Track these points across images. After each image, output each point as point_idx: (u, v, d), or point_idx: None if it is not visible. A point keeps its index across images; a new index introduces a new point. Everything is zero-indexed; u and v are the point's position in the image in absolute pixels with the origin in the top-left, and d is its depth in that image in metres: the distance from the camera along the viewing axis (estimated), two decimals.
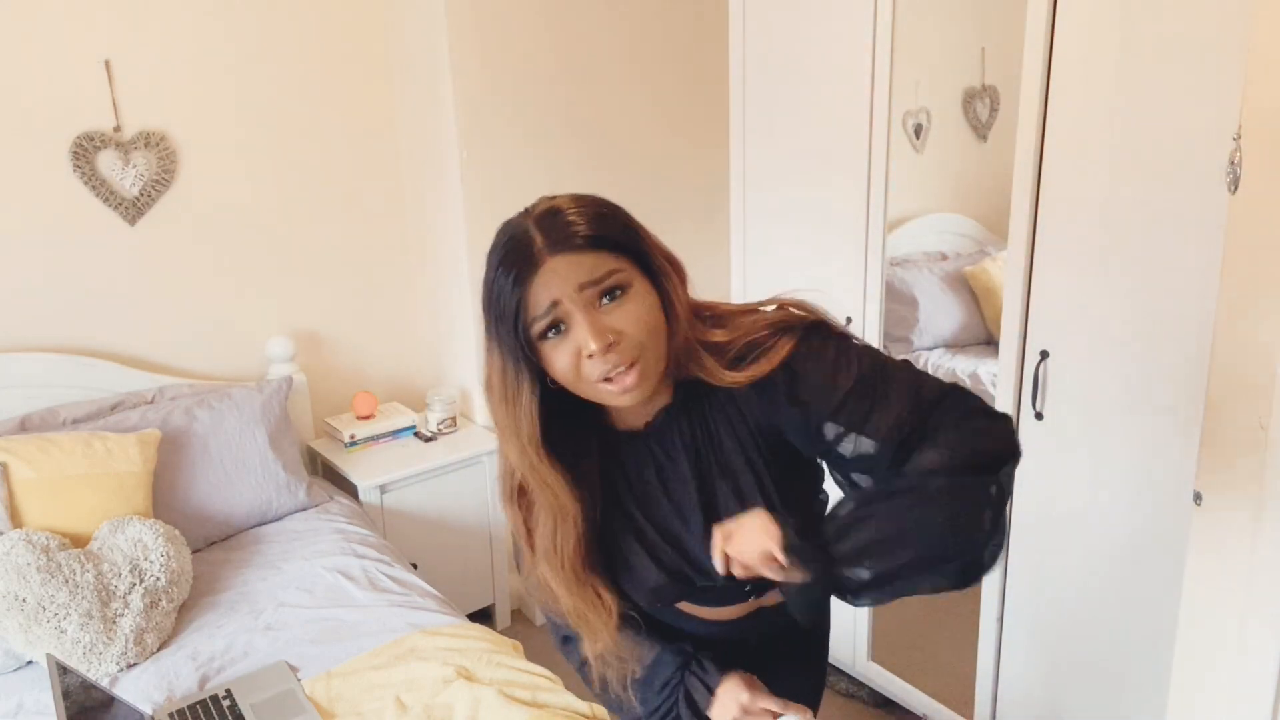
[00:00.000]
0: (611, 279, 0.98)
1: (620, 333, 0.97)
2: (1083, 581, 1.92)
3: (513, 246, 1.00)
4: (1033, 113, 1.78)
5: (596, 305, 0.97)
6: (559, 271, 0.96)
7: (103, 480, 2.18)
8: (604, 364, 0.97)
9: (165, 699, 1.86)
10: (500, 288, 0.98)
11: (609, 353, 0.96)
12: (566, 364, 0.98)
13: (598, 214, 1.01)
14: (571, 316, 0.96)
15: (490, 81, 2.74)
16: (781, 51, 2.29)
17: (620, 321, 0.97)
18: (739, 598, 1.19)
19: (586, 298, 0.96)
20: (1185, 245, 1.62)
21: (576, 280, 0.96)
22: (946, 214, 2.98)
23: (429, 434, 2.88)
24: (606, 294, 0.97)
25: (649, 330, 0.99)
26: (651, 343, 0.99)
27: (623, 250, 1.00)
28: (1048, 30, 1.73)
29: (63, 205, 2.43)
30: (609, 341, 0.96)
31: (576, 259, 0.96)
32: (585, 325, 0.96)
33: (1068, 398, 1.86)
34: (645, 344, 0.99)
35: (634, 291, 0.99)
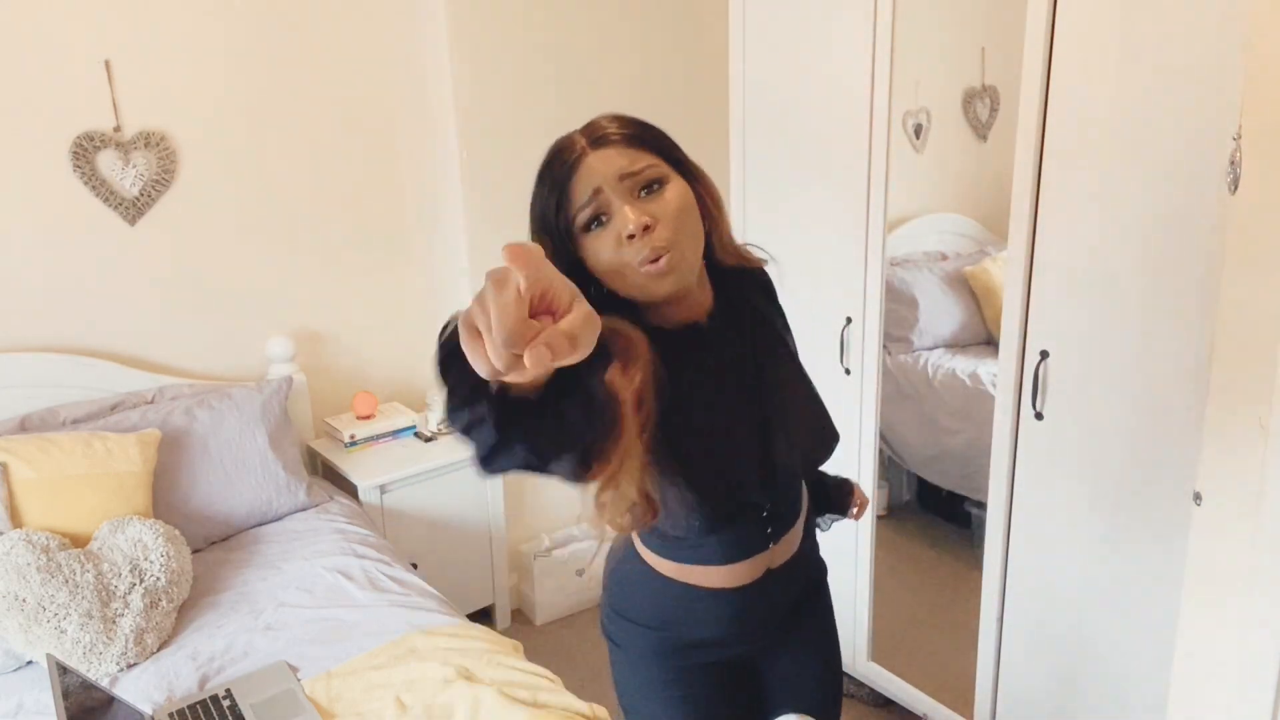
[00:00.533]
0: (649, 171, 1.07)
1: (658, 217, 1.05)
2: (1083, 581, 1.92)
3: (558, 149, 1.09)
4: (1033, 113, 1.78)
5: (636, 195, 1.06)
6: (600, 164, 1.06)
7: (103, 480, 2.18)
8: (644, 247, 1.04)
9: (165, 699, 1.86)
10: (546, 186, 1.08)
11: (647, 234, 1.04)
12: (609, 253, 1.05)
13: (636, 121, 1.12)
14: (612, 204, 1.05)
15: (490, 82, 2.74)
16: (782, 51, 2.29)
17: (658, 209, 1.06)
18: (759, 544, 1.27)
19: (626, 187, 1.05)
20: (1185, 245, 1.62)
21: (617, 171, 1.05)
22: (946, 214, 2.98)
23: (429, 434, 2.88)
24: (645, 186, 1.07)
25: (685, 217, 1.08)
26: (687, 230, 1.08)
27: (659, 152, 1.10)
28: (1048, 30, 1.73)
29: (63, 205, 2.43)
30: (647, 223, 1.04)
31: (616, 153, 1.06)
32: (626, 208, 1.04)
33: (1068, 398, 1.86)
34: (682, 230, 1.07)
35: (670, 186, 1.08)
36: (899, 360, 2.87)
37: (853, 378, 2.30)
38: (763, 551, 1.27)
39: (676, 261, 1.06)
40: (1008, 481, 2.01)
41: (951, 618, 2.37)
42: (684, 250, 1.07)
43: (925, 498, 3.05)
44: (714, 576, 1.26)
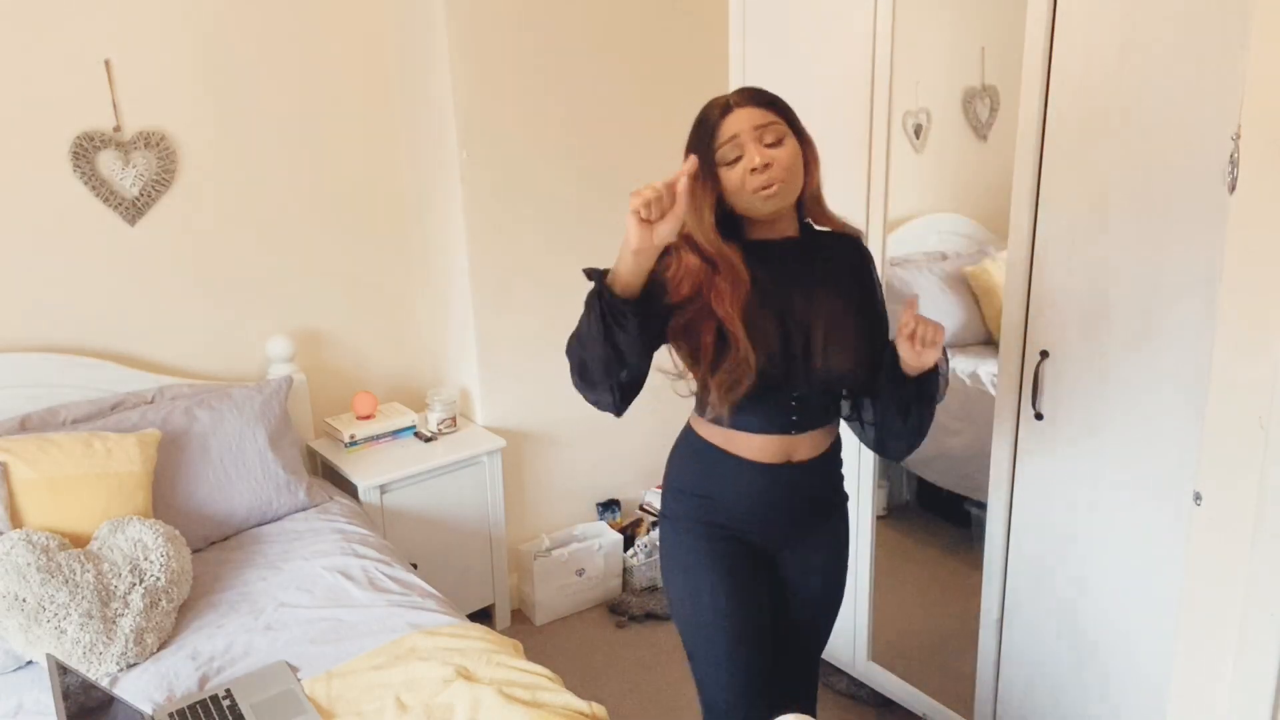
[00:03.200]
0: (774, 129, 1.50)
1: (775, 159, 1.49)
2: (1082, 581, 1.92)
3: (713, 103, 1.54)
4: (1033, 113, 1.78)
5: (762, 142, 1.49)
6: (742, 115, 1.50)
7: (103, 480, 2.18)
8: (760, 179, 1.48)
9: (165, 699, 1.85)
10: (703, 126, 1.52)
11: (764, 171, 1.48)
12: (737, 178, 1.50)
13: (771, 93, 1.56)
14: (745, 146, 1.49)
15: (490, 82, 2.74)
16: (781, 51, 2.29)
17: (776, 155, 1.49)
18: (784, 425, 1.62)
19: (757, 134, 1.49)
20: (1185, 245, 1.62)
21: (753, 123, 1.49)
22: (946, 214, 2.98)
23: (429, 434, 2.88)
24: (771, 140, 1.50)
25: (793, 166, 1.52)
26: (793, 175, 1.52)
27: (784, 117, 1.53)
28: (1048, 30, 1.73)
29: (63, 205, 2.43)
30: (767, 161, 1.48)
31: (756, 111, 1.51)
32: (755, 148, 1.49)
33: (1068, 398, 1.86)
34: (790, 172, 1.51)
35: (787, 142, 1.51)
36: None
37: None
38: (787, 434, 1.62)
39: (780, 191, 1.50)
40: (1008, 481, 2.01)
41: (951, 618, 2.37)
42: (787, 185, 1.51)
43: (925, 498, 3.04)
44: (748, 445, 1.62)
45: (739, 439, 1.63)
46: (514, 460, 3.02)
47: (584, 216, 2.99)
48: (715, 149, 1.49)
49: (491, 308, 2.90)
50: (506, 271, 2.89)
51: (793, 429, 1.63)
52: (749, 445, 1.63)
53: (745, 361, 1.50)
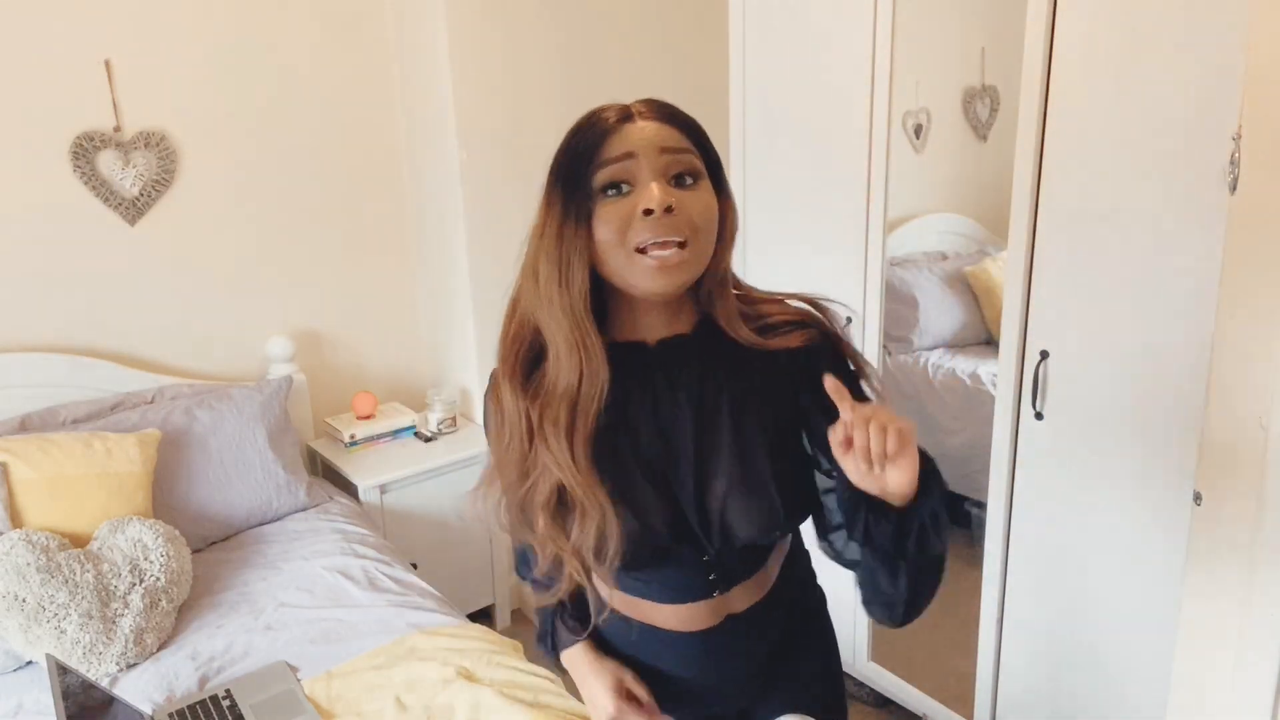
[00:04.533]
0: (690, 162, 1.01)
1: (681, 204, 0.98)
2: (1082, 581, 1.92)
3: (600, 109, 1.04)
4: (1033, 113, 1.78)
5: (667, 177, 0.99)
6: (642, 132, 1.00)
7: (103, 480, 2.18)
8: (656, 228, 0.96)
9: (165, 699, 1.85)
10: (577, 139, 1.02)
11: (666, 217, 0.96)
12: (617, 224, 0.98)
13: (686, 114, 1.07)
14: (640, 174, 0.98)
15: (490, 83, 2.74)
16: (782, 51, 2.29)
17: (686, 201, 0.99)
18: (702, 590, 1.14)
19: (661, 164, 0.99)
20: (1185, 245, 1.62)
21: (660, 144, 0.99)
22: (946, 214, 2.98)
23: (429, 434, 2.88)
24: (678, 175, 1.00)
25: (706, 223, 1.01)
26: (703, 237, 1.00)
27: (702, 151, 1.04)
28: (1048, 30, 1.73)
29: (63, 205, 2.43)
30: (671, 205, 0.96)
31: (662, 127, 1.01)
32: (654, 183, 0.97)
33: (1068, 398, 1.86)
34: (699, 233, 0.99)
35: (703, 186, 1.02)
36: (899, 360, 2.87)
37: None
38: (709, 599, 1.14)
39: (687, 259, 0.98)
40: (1008, 481, 2.01)
41: (951, 618, 2.37)
42: (697, 252, 1.00)
43: None
44: (665, 616, 1.16)
45: (647, 608, 1.17)
46: None
47: None
48: (594, 171, 0.99)
49: (491, 307, 2.89)
50: (506, 271, 2.88)
51: (716, 590, 1.15)
52: (662, 616, 1.16)
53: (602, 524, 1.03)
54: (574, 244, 1.00)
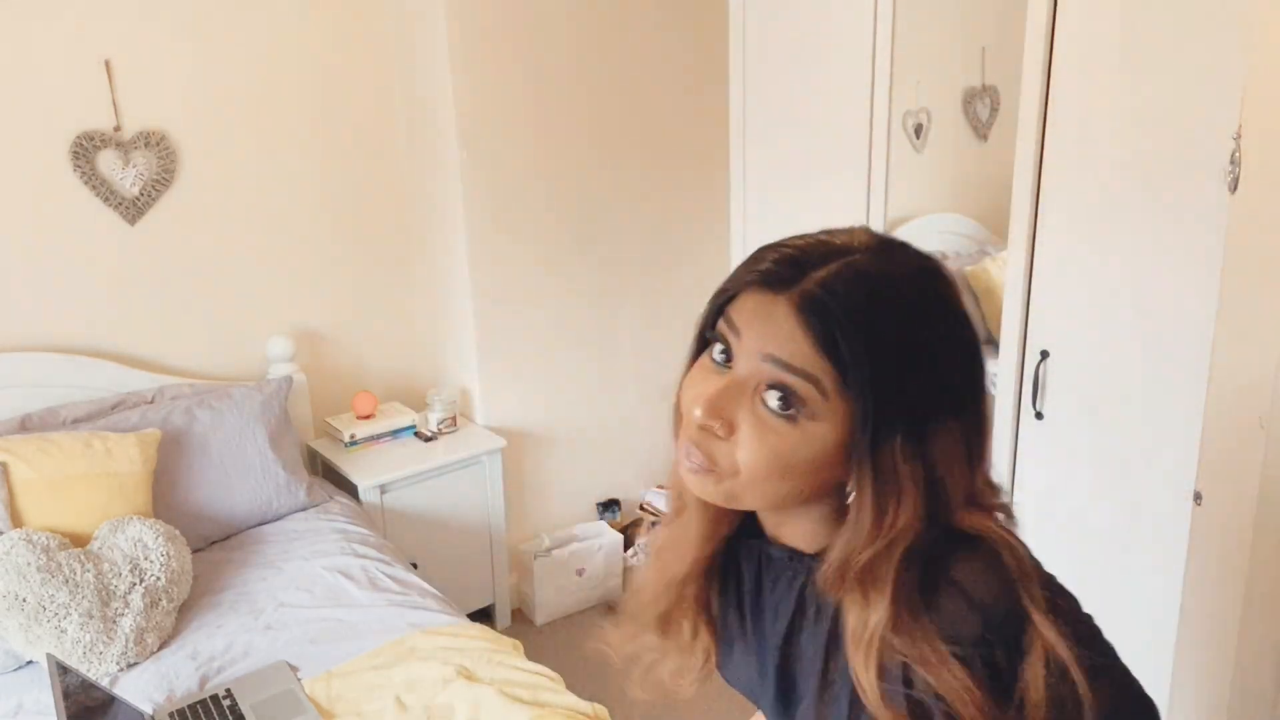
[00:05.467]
0: (796, 384, 0.71)
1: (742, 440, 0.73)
2: (1082, 581, 1.92)
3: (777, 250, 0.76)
4: (1033, 113, 1.78)
5: (755, 392, 0.73)
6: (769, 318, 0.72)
7: (103, 480, 2.18)
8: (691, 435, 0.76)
9: (165, 699, 1.86)
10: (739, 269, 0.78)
11: (700, 433, 0.75)
12: (688, 394, 0.78)
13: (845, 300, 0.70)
14: (736, 365, 0.75)
15: (490, 81, 2.74)
16: (781, 51, 2.29)
17: (756, 432, 0.72)
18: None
19: (760, 373, 0.72)
20: (1185, 245, 1.62)
21: (766, 347, 0.72)
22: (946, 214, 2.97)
23: (429, 434, 2.88)
24: (780, 392, 0.72)
25: (770, 473, 0.73)
26: (759, 484, 0.74)
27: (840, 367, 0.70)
28: (1048, 30, 1.73)
29: (63, 205, 2.43)
30: (711, 425, 0.74)
31: (794, 330, 0.71)
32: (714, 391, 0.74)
33: (1068, 398, 1.86)
34: (749, 479, 0.74)
35: (808, 425, 0.72)
36: None
37: None
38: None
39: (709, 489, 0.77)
40: (1008, 481, 2.01)
41: None
42: (741, 489, 0.75)
43: None
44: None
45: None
46: (514, 460, 3.02)
47: (584, 215, 2.99)
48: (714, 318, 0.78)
49: (491, 307, 2.90)
50: (506, 271, 2.89)
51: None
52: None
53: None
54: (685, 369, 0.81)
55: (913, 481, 0.71)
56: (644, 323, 3.20)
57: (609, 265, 3.07)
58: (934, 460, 0.72)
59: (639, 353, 3.21)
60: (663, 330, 3.23)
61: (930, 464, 0.72)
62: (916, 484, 0.71)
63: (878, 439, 0.70)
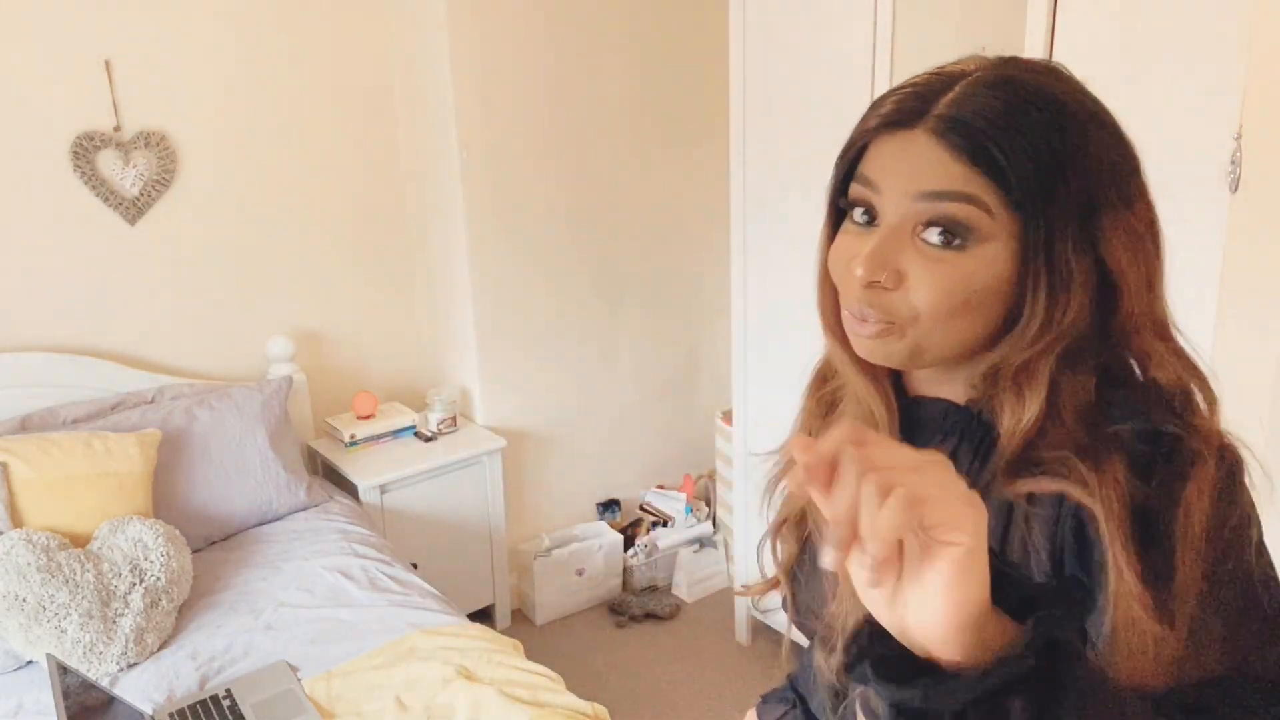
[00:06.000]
0: (959, 214, 0.67)
1: (903, 283, 0.69)
2: None
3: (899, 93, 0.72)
4: None
5: (914, 231, 0.69)
6: (908, 157, 0.68)
7: (103, 480, 2.18)
8: (858, 296, 0.71)
9: (165, 699, 1.86)
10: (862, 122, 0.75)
11: (869, 291, 0.70)
12: (840, 261, 0.74)
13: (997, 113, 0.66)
14: (884, 218, 0.71)
15: (490, 82, 2.74)
16: (781, 51, 2.29)
17: (918, 276, 0.69)
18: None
19: (913, 213, 0.69)
20: (1185, 245, 1.62)
21: (917, 184, 0.68)
22: None
23: (429, 434, 2.88)
24: (942, 227, 0.68)
25: (952, 309, 0.69)
26: (942, 325, 0.70)
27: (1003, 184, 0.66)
28: (1048, 30, 1.73)
29: (63, 205, 2.43)
30: (878, 280, 0.69)
31: (942, 157, 0.67)
32: (871, 245, 0.69)
33: None
34: (921, 319, 0.69)
35: (976, 251, 0.68)
36: None
37: None
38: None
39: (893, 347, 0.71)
40: None
41: None
42: (919, 336, 0.70)
43: None
44: None
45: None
46: (514, 460, 3.02)
47: (585, 216, 2.98)
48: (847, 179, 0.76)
49: (491, 307, 2.90)
50: (507, 271, 2.89)
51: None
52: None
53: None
54: (822, 247, 0.79)
55: (1085, 275, 0.68)
56: (644, 323, 3.20)
57: (609, 266, 3.07)
58: (1110, 254, 0.68)
59: (639, 353, 3.21)
60: (663, 331, 3.23)
61: (1105, 258, 0.68)
62: (1088, 278, 0.68)
63: (1050, 239, 0.67)
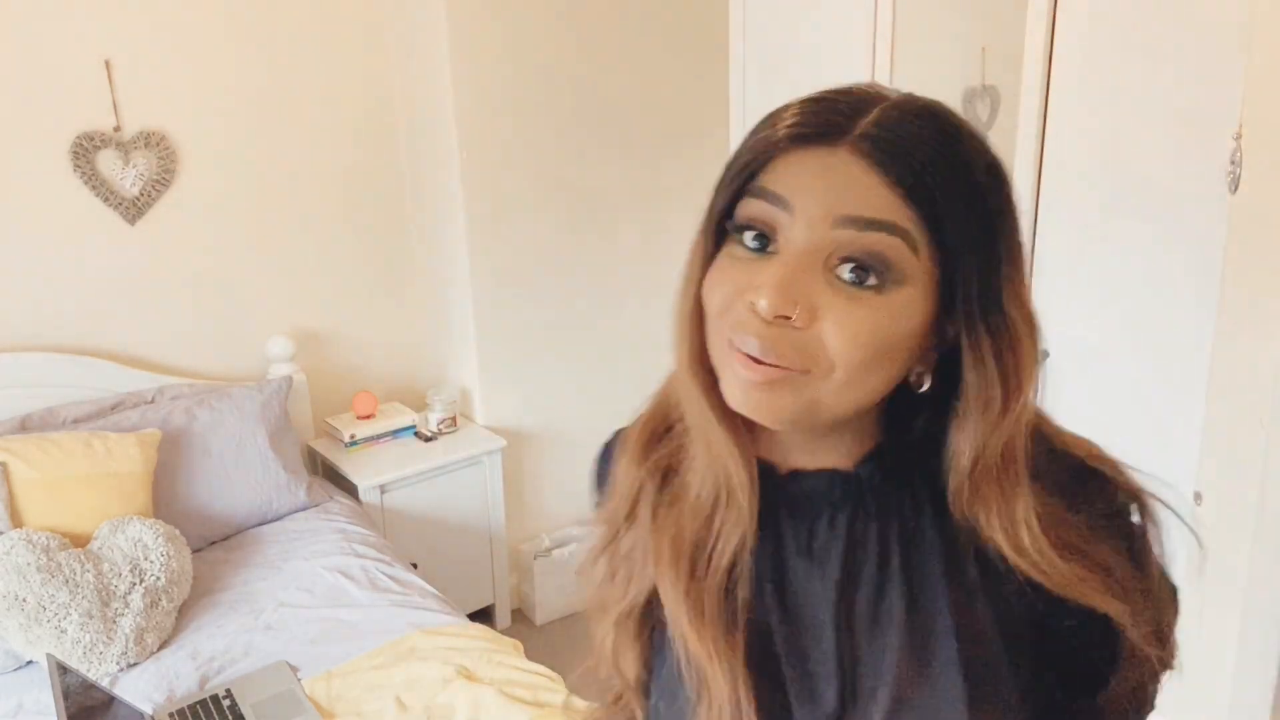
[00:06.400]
0: (883, 249, 0.58)
1: (815, 323, 0.59)
2: None
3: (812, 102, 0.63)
4: (1033, 113, 1.78)
5: (829, 265, 0.59)
6: (832, 176, 0.59)
7: (103, 480, 2.18)
8: (756, 334, 0.59)
9: (165, 699, 1.86)
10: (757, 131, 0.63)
11: (773, 329, 0.59)
12: (725, 290, 0.62)
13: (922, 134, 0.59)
14: (787, 240, 0.60)
15: (490, 82, 2.74)
16: (781, 51, 2.29)
17: (845, 316, 0.59)
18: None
19: (830, 241, 0.59)
20: (1185, 245, 1.62)
21: (838, 208, 0.58)
22: None
23: (429, 434, 2.88)
24: (858, 263, 0.59)
25: (868, 360, 0.60)
26: (857, 378, 0.60)
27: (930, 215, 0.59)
28: (1048, 30, 1.73)
29: (63, 205, 2.43)
30: (788, 315, 0.58)
31: (871, 181, 0.58)
32: (780, 273, 0.58)
33: (1068, 398, 1.86)
34: (845, 374, 0.60)
35: (897, 293, 0.59)
36: None
37: None
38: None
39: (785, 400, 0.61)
40: None
41: None
42: (831, 392, 0.61)
43: None
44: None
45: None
46: (514, 460, 3.02)
47: (586, 217, 2.98)
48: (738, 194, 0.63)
49: (491, 307, 2.90)
50: (506, 271, 2.89)
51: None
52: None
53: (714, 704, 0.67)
54: (693, 271, 0.66)
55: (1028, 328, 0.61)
56: (645, 323, 3.20)
57: (610, 266, 3.07)
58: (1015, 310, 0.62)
59: (640, 353, 3.21)
60: (664, 330, 3.22)
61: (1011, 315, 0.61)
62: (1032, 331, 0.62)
63: (986, 290, 0.60)
